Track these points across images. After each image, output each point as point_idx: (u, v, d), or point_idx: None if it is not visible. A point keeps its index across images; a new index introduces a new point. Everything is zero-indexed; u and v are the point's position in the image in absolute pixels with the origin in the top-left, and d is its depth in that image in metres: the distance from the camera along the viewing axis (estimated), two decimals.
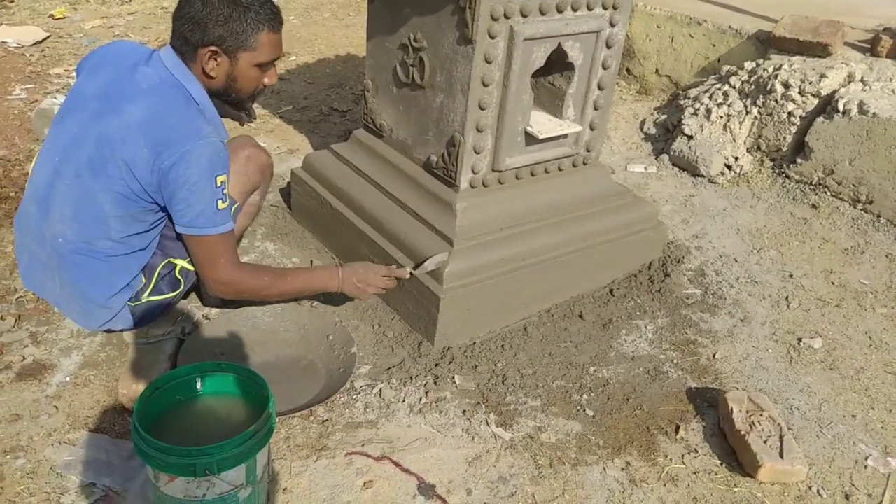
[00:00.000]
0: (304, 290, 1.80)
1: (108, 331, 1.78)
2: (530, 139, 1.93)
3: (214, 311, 1.94)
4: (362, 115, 2.23)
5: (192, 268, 1.74)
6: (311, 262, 2.22)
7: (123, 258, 1.65)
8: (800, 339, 2.02)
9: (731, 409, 1.66)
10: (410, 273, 1.84)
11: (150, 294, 1.71)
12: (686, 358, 1.94)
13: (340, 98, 3.48)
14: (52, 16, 4.55)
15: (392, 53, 2.00)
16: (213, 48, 1.57)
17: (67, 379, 1.69)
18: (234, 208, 1.78)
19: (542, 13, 1.76)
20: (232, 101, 1.69)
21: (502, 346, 1.92)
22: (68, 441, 1.53)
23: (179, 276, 1.75)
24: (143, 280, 1.70)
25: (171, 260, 1.72)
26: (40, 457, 1.49)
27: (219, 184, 1.56)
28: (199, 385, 1.40)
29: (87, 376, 1.70)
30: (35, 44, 4.01)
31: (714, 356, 1.95)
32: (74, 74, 1.70)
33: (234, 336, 1.82)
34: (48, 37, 4.14)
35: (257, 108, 3.30)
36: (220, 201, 1.57)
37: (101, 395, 1.66)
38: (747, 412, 1.65)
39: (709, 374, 1.88)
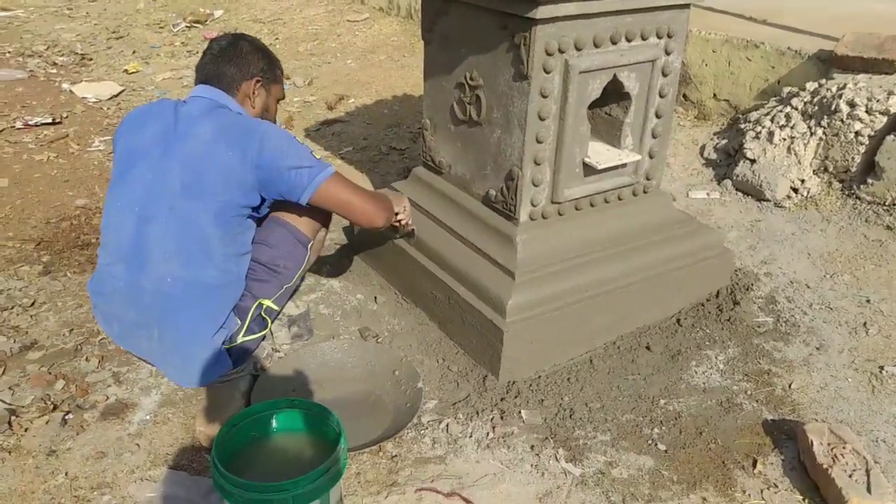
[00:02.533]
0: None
1: (215, 379, 1.81)
2: (589, 170, 1.93)
3: (285, 347, 1.99)
4: (421, 152, 2.28)
5: (276, 307, 1.90)
6: (375, 297, 2.25)
7: (224, 290, 1.76)
8: (881, 367, 1.93)
9: (812, 442, 1.59)
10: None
11: (244, 335, 1.82)
12: (760, 389, 1.87)
13: (398, 137, 3.56)
14: (125, 71, 4.83)
15: (449, 92, 2.05)
16: (259, 78, 1.89)
17: (148, 417, 1.76)
18: (309, 245, 1.95)
19: (597, 46, 1.78)
20: None
21: (568, 379, 1.90)
22: (150, 478, 1.59)
23: (265, 316, 1.88)
24: (238, 321, 1.80)
25: (260, 301, 1.84)
26: (124, 493, 1.55)
27: (302, 142, 1.79)
28: (273, 422, 1.44)
29: (167, 414, 1.77)
30: (111, 98, 4.26)
31: (790, 386, 1.88)
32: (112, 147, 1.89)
33: (304, 373, 1.87)
34: (123, 90, 4.40)
35: (319, 151, 3.41)
36: (313, 154, 1.80)
37: (179, 432, 1.72)
38: (829, 445, 1.58)
39: (785, 406, 1.82)
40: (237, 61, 1.86)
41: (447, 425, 1.74)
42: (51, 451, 1.64)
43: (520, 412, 1.78)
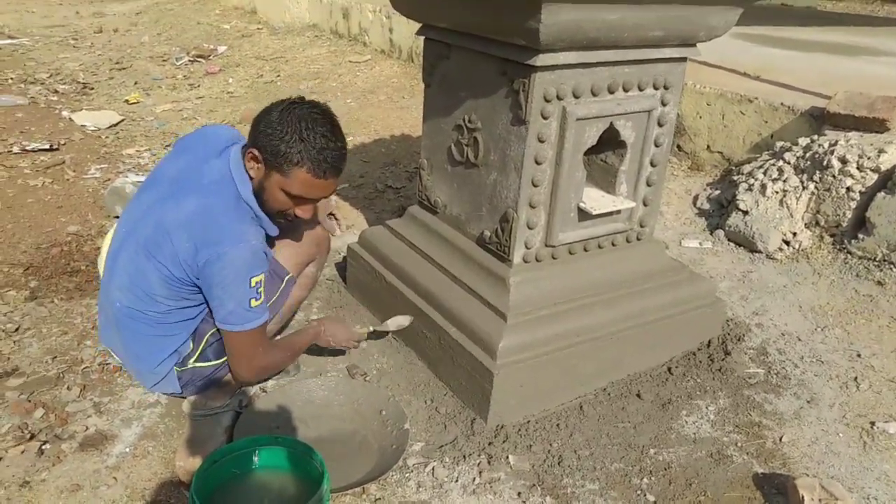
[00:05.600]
0: (303, 349, 1.92)
1: (167, 392, 1.86)
2: (583, 215, 1.94)
3: (270, 383, 1.96)
4: (417, 192, 2.29)
5: None
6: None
7: (172, 325, 1.75)
8: (873, 423, 1.92)
9: (803, 498, 1.57)
10: (369, 334, 2.04)
11: (196, 360, 1.79)
12: (751, 441, 1.85)
13: (395, 176, 3.58)
14: (126, 101, 4.88)
15: (447, 133, 2.07)
16: (256, 152, 1.65)
17: (127, 450, 1.72)
18: (287, 278, 1.90)
19: (594, 94, 1.81)
20: (262, 207, 1.73)
21: (557, 425, 1.88)
22: None
23: None
24: (192, 346, 1.78)
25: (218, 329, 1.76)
26: None
27: (253, 284, 1.63)
28: (255, 459, 1.41)
29: (147, 447, 1.73)
30: (110, 126, 4.29)
31: (781, 440, 1.86)
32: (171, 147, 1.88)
33: (289, 409, 1.84)
34: (122, 120, 4.43)
35: None
36: (252, 300, 1.65)
37: (158, 466, 1.68)
38: (820, 501, 1.56)
39: (776, 459, 1.80)
40: (259, 120, 1.66)
41: (433, 469, 1.70)
42: (24, 483, 1.59)
43: (507, 457, 1.75)
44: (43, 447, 1.70)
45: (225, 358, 1.80)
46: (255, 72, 5.75)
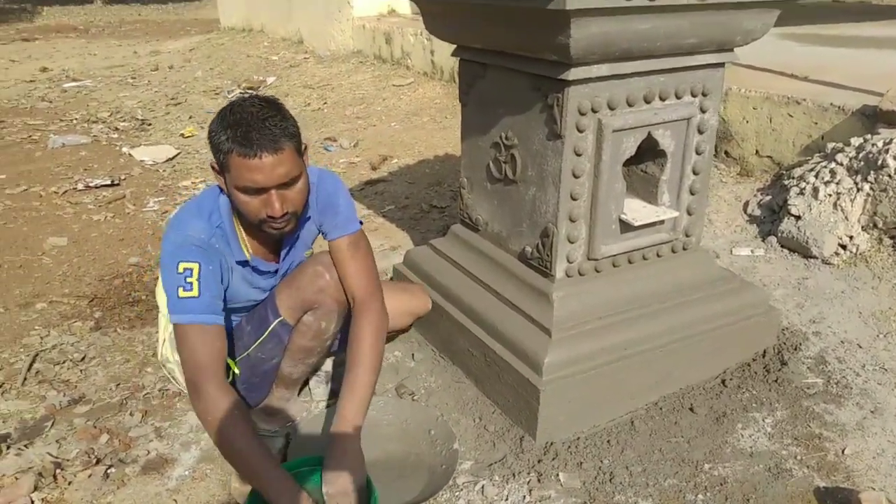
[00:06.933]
0: (240, 467, 1.54)
1: None
2: (625, 227, 1.92)
3: (321, 404, 2.00)
4: (458, 210, 2.31)
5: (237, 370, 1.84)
6: (413, 354, 2.26)
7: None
8: None
9: None
10: None
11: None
12: (811, 454, 1.79)
13: (439, 195, 3.62)
14: (182, 135, 5.08)
15: (485, 151, 2.09)
16: (213, 163, 1.62)
17: (186, 473, 1.78)
18: (277, 321, 1.79)
19: (630, 105, 1.80)
20: (242, 220, 1.70)
21: (608, 441, 1.85)
22: None
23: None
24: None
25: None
26: None
27: (181, 270, 1.59)
28: (306, 481, 1.44)
29: (205, 470, 1.78)
30: (167, 160, 4.48)
31: (843, 452, 1.79)
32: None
33: None
34: (178, 153, 4.62)
35: (362, 210, 3.48)
36: (181, 289, 1.59)
37: (216, 489, 1.73)
38: None
39: (839, 472, 1.73)
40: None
41: (482, 487, 1.70)
42: None
43: (558, 475, 1.73)
44: (108, 471, 1.77)
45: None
46: (302, 100, 5.91)
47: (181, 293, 1.59)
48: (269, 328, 1.80)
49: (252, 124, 1.51)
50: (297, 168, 1.59)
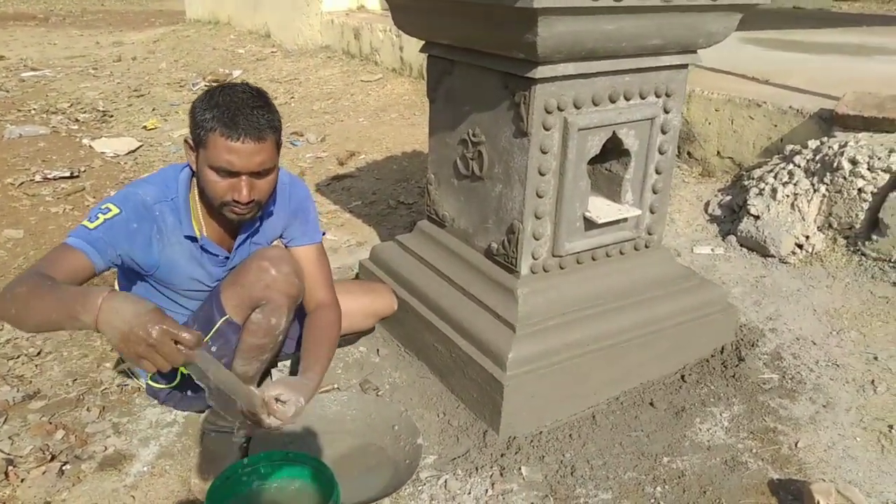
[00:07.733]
0: (61, 307, 1.26)
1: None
2: (589, 224, 1.95)
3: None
4: (425, 206, 2.31)
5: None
6: (378, 350, 2.25)
7: None
8: (891, 427, 1.89)
9: (819, 503, 1.55)
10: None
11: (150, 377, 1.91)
12: (766, 447, 1.84)
13: (407, 192, 3.62)
14: (145, 127, 4.98)
15: (452, 148, 2.09)
16: (188, 139, 1.63)
17: (145, 469, 1.75)
18: (222, 320, 1.74)
19: (595, 104, 1.83)
20: (203, 199, 1.71)
21: (570, 435, 1.87)
22: None
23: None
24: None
25: None
26: None
27: (102, 208, 1.61)
28: (268, 475, 1.43)
29: (164, 466, 1.76)
30: (129, 153, 4.39)
31: (796, 445, 1.84)
32: None
33: (302, 425, 1.85)
34: (141, 146, 4.53)
35: (329, 205, 3.46)
36: (87, 219, 1.60)
37: (175, 485, 1.70)
38: None
39: (792, 465, 1.78)
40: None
41: (445, 481, 1.71)
42: (45, 503, 1.63)
43: (520, 469, 1.75)
44: (63, 468, 1.73)
45: (174, 383, 1.87)
46: (269, 95, 5.84)
47: (84, 221, 1.59)
48: (215, 327, 1.74)
49: (241, 109, 1.55)
50: (273, 161, 1.63)
